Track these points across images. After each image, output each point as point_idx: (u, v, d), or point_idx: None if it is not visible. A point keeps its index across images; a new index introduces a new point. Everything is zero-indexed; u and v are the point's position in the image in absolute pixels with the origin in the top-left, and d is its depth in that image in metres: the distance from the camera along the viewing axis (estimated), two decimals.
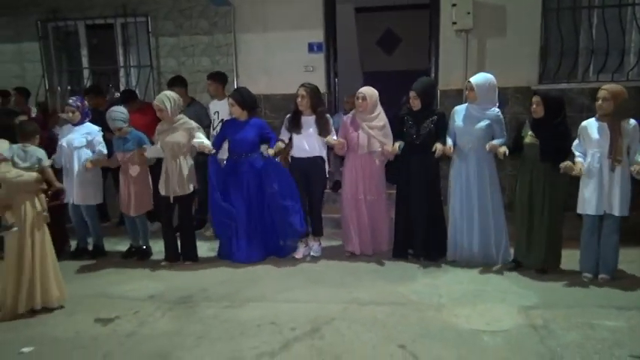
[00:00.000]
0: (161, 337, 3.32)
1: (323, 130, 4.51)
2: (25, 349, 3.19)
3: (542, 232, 4.07)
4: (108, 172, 5.35)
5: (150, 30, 6.20)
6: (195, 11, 6.08)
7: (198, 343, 3.23)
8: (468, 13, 5.30)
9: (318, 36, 5.87)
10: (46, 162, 4.12)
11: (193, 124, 4.55)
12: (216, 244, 4.97)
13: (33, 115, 5.83)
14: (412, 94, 4.39)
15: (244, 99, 4.54)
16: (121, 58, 6.48)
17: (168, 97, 4.46)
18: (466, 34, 5.44)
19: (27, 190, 3.66)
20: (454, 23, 5.37)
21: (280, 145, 4.56)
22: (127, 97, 5.54)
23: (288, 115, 4.73)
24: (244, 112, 4.55)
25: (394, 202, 4.66)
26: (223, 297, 3.96)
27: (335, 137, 4.59)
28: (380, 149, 4.53)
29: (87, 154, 4.69)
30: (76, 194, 4.70)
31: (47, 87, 6.51)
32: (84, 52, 6.52)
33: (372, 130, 4.52)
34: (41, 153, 4.03)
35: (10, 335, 3.40)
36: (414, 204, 4.48)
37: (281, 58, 5.92)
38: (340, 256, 4.82)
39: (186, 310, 3.73)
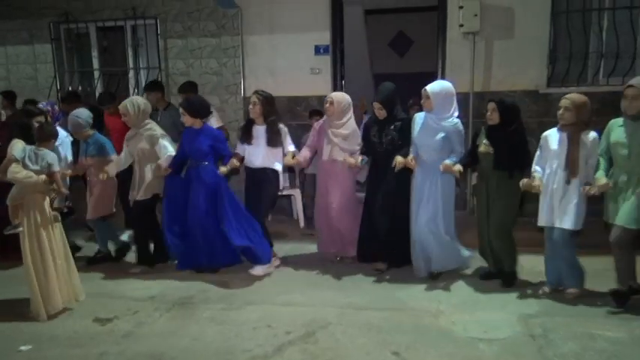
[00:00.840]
0: (157, 338, 3.35)
1: (272, 140, 4.34)
2: (24, 348, 3.24)
3: (502, 240, 3.97)
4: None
5: (159, 32, 6.26)
6: (203, 14, 6.13)
7: (192, 344, 3.24)
8: (475, 15, 5.24)
9: (325, 38, 5.87)
10: (56, 167, 4.14)
11: (158, 132, 4.44)
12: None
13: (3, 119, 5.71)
14: (376, 105, 4.23)
15: (193, 107, 4.36)
16: (130, 60, 6.56)
17: (132, 103, 4.41)
18: (473, 37, 5.38)
19: (37, 190, 3.72)
20: (461, 25, 5.31)
21: (234, 162, 4.38)
22: (105, 100, 5.43)
23: (242, 125, 4.66)
24: (196, 120, 4.36)
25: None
26: (222, 299, 3.97)
27: (292, 147, 4.46)
28: (342, 159, 4.39)
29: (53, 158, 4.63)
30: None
31: (59, 88, 6.62)
32: (94, 53, 6.62)
33: (336, 138, 4.41)
34: (52, 157, 3.97)
35: (10, 333, 3.45)
36: (378, 212, 4.35)
37: (287, 61, 5.93)
38: (341, 260, 4.79)
39: (185, 312, 3.76)
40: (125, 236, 5.07)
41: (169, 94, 6.23)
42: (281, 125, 4.45)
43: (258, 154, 4.42)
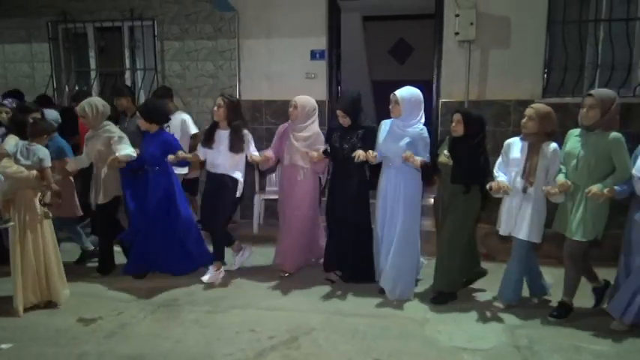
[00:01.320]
0: (139, 339, 3.32)
1: (234, 146, 4.19)
2: (4, 346, 3.22)
3: (446, 255, 3.87)
4: None
5: (156, 34, 6.25)
6: (200, 16, 6.12)
7: (173, 347, 3.22)
8: (471, 23, 5.22)
9: (321, 43, 5.85)
10: (47, 162, 4.13)
11: (116, 133, 4.34)
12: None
13: None
14: (340, 112, 4.13)
15: (150, 112, 4.32)
16: (127, 61, 6.55)
17: (90, 104, 4.35)
18: (469, 45, 5.36)
19: (28, 186, 3.72)
20: (457, 34, 5.30)
21: (181, 154, 4.25)
22: (79, 98, 5.19)
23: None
24: (151, 125, 4.31)
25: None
26: (208, 302, 3.95)
27: (256, 154, 4.33)
28: (301, 164, 4.34)
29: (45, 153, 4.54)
30: None
31: (55, 87, 6.61)
32: (92, 53, 6.60)
33: (297, 142, 4.33)
34: (44, 153, 3.97)
35: None
36: (339, 221, 4.28)
37: (283, 65, 5.91)
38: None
39: (169, 314, 3.73)
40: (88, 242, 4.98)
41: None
42: (245, 131, 4.31)
43: (219, 159, 4.28)
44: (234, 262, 4.66)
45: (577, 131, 3.54)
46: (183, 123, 5.27)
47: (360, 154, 3.91)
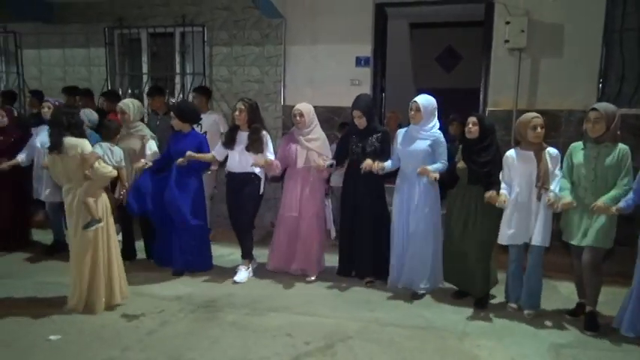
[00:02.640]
0: (178, 338, 3.39)
1: (252, 146, 4.36)
2: (53, 337, 3.36)
3: (474, 258, 3.97)
4: None
5: (205, 39, 6.42)
6: (248, 22, 6.24)
7: (211, 347, 3.27)
8: (522, 31, 5.08)
9: (366, 50, 5.84)
10: (123, 162, 4.46)
11: (148, 132, 4.69)
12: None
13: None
14: (357, 113, 4.31)
15: (183, 112, 4.54)
16: (177, 66, 6.76)
17: (132, 102, 4.71)
18: (519, 53, 5.21)
19: (102, 186, 3.86)
20: (507, 41, 5.16)
21: (191, 154, 4.42)
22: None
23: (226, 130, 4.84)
24: (185, 124, 4.55)
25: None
26: (246, 304, 3.99)
27: (272, 157, 4.46)
28: (314, 164, 4.47)
29: (122, 154, 4.83)
30: (49, 192, 4.96)
31: (110, 89, 6.88)
32: (144, 58, 6.86)
33: (310, 143, 4.50)
34: (121, 153, 4.42)
35: (42, 324, 3.59)
36: (358, 224, 4.41)
37: (328, 71, 5.93)
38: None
39: (208, 314, 3.79)
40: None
41: (213, 99, 6.35)
42: (264, 132, 4.48)
43: (242, 159, 4.45)
44: (239, 273, 4.60)
45: (580, 145, 3.69)
46: (214, 122, 5.59)
47: (367, 163, 4.14)
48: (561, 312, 3.90)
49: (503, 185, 3.83)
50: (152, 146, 4.73)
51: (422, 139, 4.13)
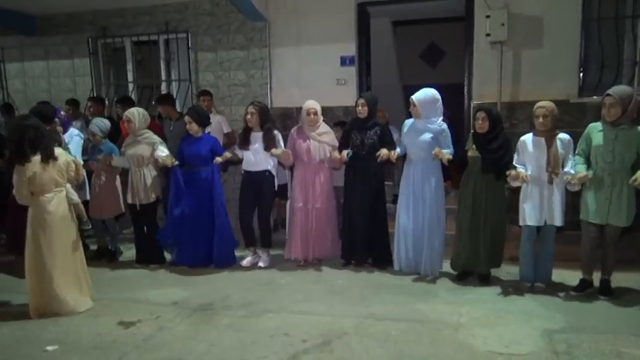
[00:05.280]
0: (176, 343, 3.41)
1: (268, 145, 4.70)
2: (50, 348, 3.35)
3: (486, 240, 4.21)
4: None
5: (190, 46, 6.44)
6: (232, 27, 6.27)
7: (209, 350, 3.28)
8: (503, 24, 5.17)
9: (351, 50, 5.90)
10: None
11: (156, 138, 4.88)
12: (244, 253, 5.13)
13: None
14: (361, 101, 4.61)
15: (201, 117, 4.83)
16: (163, 72, 6.76)
17: (137, 111, 4.89)
18: (501, 46, 5.30)
19: None
20: (488, 35, 5.24)
21: (227, 155, 4.83)
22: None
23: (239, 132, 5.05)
24: (200, 128, 4.82)
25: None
26: (242, 306, 4.01)
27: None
28: (329, 155, 4.76)
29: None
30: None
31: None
32: (129, 66, 6.86)
33: (322, 137, 4.78)
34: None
35: (38, 333, 3.59)
36: (358, 212, 4.66)
37: (314, 72, 5.99)
38: (364, 269, 4.79)
39: (205, 318, 3.81)
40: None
41: (199, 106, 6.35)
42: (275, 132, 4.83)
43: (256, 158, 4.79)
44: (262, 260, 5.00)
45: (599, 126, 3.82)
46: (218, 123, 5.79)
47: (384, 152, 4.43)
48: (566, 289, 4.08)
49: (519, 166, 4.02)
50: (164, 149, 4.89)
51: (426, 132, 4.38)
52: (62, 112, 5.19)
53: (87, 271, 4.15)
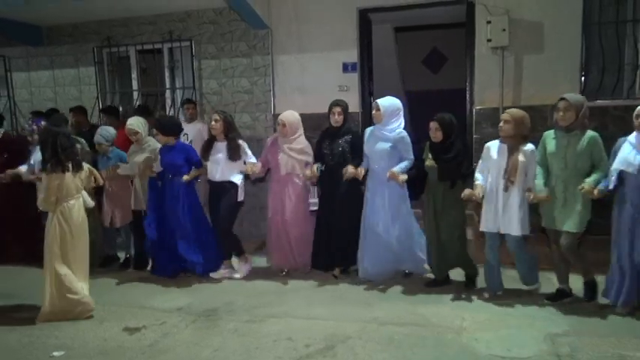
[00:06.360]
0: (180, 348, 3.44)
1: (232, 155, 4.64)
2: (56, 353, 3.39)
3: (451, 247, 4.25)
4: None
5: (193, 53, 6.50)
6: (235, 35, 6.33)
7: (214, 355, 3.31)
8: (504, 30, 5.19)
9: (353, 56, 5.94)
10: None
11: (158, 145, 4.88)
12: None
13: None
14: (338, 109, 4.57)
15: (164, 126, 4.76)
16: (167, 81, 6.83)
17: (141, 122, 4.94)
18: (502, 52, 5.32)
19: None
20: (489, 40, 5.27)
21: (193, 173, 4.76)
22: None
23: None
24: (169, 137, 4.74)
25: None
26: (246, 311, 4.04)
27: (254, 160, 4.74)
28: (298, 172, 4.70)
29: None
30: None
31: (101, 107, 6.93)
32: (134, 75, 6.92)
33: (292, 152, 4.69)
34: None
35: (44, 339, 3.63)
36: (330, 220, 4.62)
37: (316, 78, 6.02)
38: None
39: (209, 323, 3.84)
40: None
41: (202, 113, 6.45)
42: (240, 141, 4.74)
43: (218, 168, 4.72)
44: (238, 270, 4.93)
45: (552, 133, 3.85)
46: (199, 132, 5.81)
47: (349, 171, 4.37)
48: (541, 297, 4.06)
49: (478, 176, 4.05)
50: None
51: (384, 140, 4.36)
52: (42, 123, 5.19)
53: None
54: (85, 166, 4.14)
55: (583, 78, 5.24)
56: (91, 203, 4.20)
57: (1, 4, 5.87)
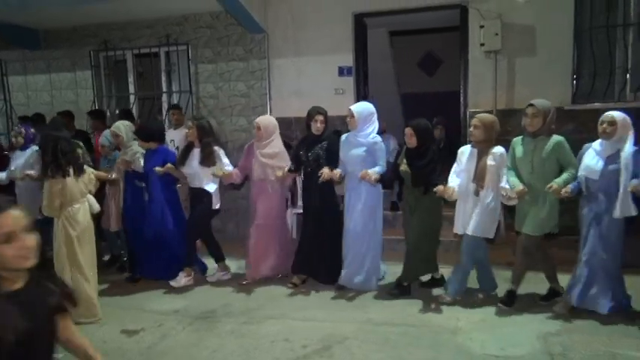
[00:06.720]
0: (179, 350, 3.48)
1: (204, 160, 4.58)
2: (55, 355, 3.41)
3: (409, 252, 4.26)
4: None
5: (190, 57, 6.55)
6: (232, 39, 6.39)
7: (212, 356, 3.35)
8: (496, 34, 5.27)
9: (348, 60, 6.00)
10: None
11: (140, 150, 4.88)
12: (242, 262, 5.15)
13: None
14: (320, 117, 4.54)
15: (141, 132, 4.80)
16: (164, 84, 6.87)
17: (124, 125, 4.95)
18: (495, 55, 5.40)
19: None
20: (482, 44, 5.35)
21: (169, 166, 4.63)
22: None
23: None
24: (149, 143, 4.75)
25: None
26: (244, 313, 4.08)
27: (230, 168, 4.67)
28: (272, 178, 4.66)
29: None
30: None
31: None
32: (131, 79, 6.97)
33: (264, 158, 4.68)
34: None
35: None
36: (311, 227, 4.63)
37: (312, 82, 6.08)
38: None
39: (207, 325, 3.88)
40: None
41: (200, 116, 6.47)
42: (216, 147, 4.67)
43: (194, 174, 4.68)
44: (213, 275, 4.96)
45: (520, 139, 3.92)
46: (185, 137, 5.66)
47: (325, 172, 4.31)
48: (535, 297, 4.10)
49: (451, 178, 4.07)
50: (141, 162, 4.86)
51: (358, 146, 4.36)
52: (31, 130, 5.19)
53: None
54: (88, 170, 4.16)
55: (575, 81, 5.32)
56: (98, 208, 4.21)
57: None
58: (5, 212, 1.55)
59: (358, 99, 6.10)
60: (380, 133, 4.70)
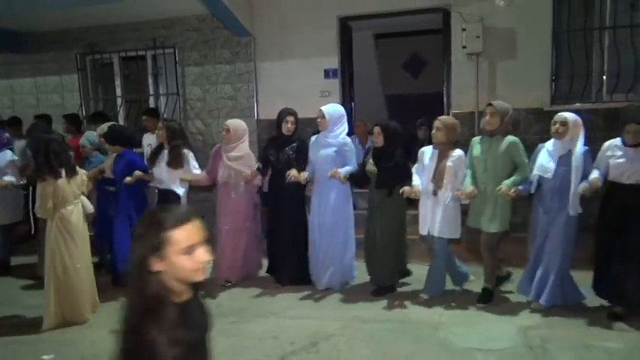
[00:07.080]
0: None
1: (172, 162, 4.53)
2: (46, 357, 3.46)
3: (380, 254, 4.29)
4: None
5: (177, 60, 6.60)
6: (218, 42, 6.44)
7: None
8: (478, 37, 5.40)
9: (334, 62, 6.10)
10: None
11: (102, 158, 4.96)
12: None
13: None
14: (291, 118, 4.61)
15: (107, 135, 4.76)
16: (151, 87, 6.90)
17: (87, 137, 5.06)
18: (476, 58, 5.53)
19: None
20: (464, 47, 5.48)
21: (137, 173, 4.58)
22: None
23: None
24: (116, 147, 4.73)
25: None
26: (233, 313, 4.14)
27: (198, 172, 4.66)
28: (236, 181, 4.70)
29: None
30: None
31: (84, 114, 6.98)
32: (117, 82, 6.99)
33: (230, 162, 4.69)
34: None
35: (34, 342, 3.71)
36: (278, 228, 4.68)
37: (298, 84, 6.16)
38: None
39: None
40: None
41: (187, 119, 6.54)
42: (185, 150, 4.63)
43: (162, 175, 4.63)
44: None
45: (478, 139, 4.06)
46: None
47: (293, 174, 4.37)
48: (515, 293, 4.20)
49: (416, 177, 4.16)
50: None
51: (328, 146, 4.43)
52: (6, 134, 5.20)
53: (94, 280, 4.25)
54: (81, 171, 4.19)
55: (554, 83, 5.47)
56: (91, 209, 4.25)
57: None
58: (192, 222, 1.49)
59: (344, 101, 6.21)
60: (349, 134, 4.75)
